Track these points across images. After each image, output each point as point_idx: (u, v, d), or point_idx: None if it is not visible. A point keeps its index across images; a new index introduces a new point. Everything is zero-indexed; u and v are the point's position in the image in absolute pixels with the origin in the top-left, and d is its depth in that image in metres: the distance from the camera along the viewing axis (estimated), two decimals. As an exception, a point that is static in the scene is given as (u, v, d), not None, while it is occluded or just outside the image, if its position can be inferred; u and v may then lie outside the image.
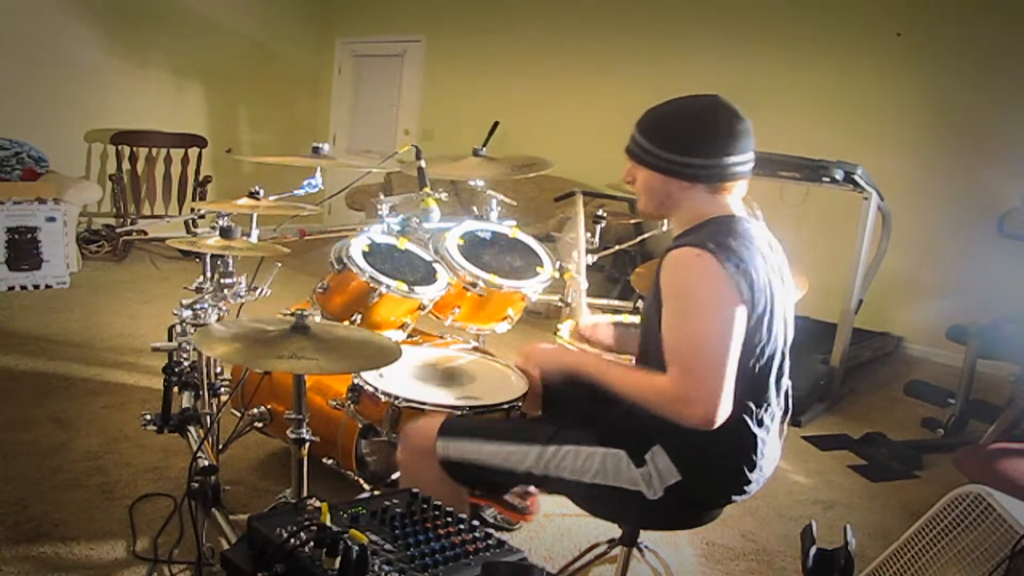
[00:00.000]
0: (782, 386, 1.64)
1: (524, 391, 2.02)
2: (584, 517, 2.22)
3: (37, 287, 4.84)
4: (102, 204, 6.21)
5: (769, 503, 2.80)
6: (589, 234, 2.79)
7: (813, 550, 1.37)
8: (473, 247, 2.61)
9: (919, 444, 3.45)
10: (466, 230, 2.66)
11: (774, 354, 1.58)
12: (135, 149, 6.18)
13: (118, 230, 5.97)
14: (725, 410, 1.44)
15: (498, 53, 6.53)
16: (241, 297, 2.37)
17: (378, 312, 2.32)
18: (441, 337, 2.67)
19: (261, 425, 2.49)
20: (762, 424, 1.59)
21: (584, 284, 2.38)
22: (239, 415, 2.50)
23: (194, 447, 2.25)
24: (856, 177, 3.62)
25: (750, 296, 1.48)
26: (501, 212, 2.81)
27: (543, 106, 6.23)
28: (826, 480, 3.10)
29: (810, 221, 4.60)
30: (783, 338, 1.60)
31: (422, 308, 2.41)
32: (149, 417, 2.39)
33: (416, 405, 1.92)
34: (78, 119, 6.10)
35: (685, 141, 1.56)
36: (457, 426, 1.74)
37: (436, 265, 2.49)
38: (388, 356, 1.71)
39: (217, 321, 2.35)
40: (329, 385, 2.36)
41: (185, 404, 2.45)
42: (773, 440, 1.64)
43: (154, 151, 6.30)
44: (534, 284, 2.56)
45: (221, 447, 2.44)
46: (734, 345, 1.45)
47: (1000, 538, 1.66)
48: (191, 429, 2.37)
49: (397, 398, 1.95)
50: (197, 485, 2.02)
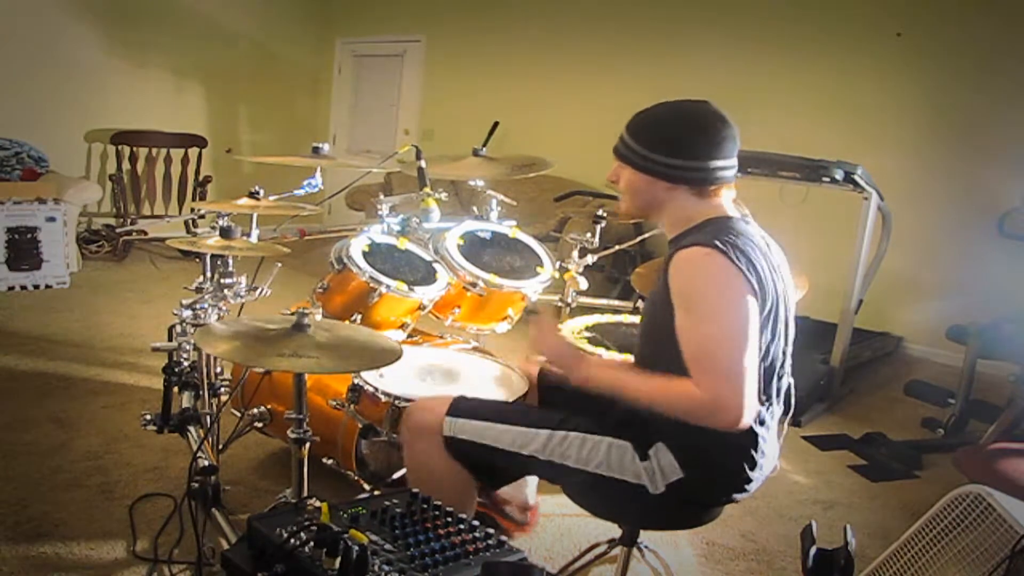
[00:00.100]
0: (781, 385, 1.64)
1: (524, 391, 2.02)
2: (584, 517, 2.22)
3: (37, 287, 4.84)
4: (102, 204, 6.20)
5: (769, 503, 2.80)
6: (589, 234, 2.80)
7: (813, 550, 1.37)
8: (473, 247, 2.61)
9: (919, 444, 3.45)
10: (466, 230, 2.66)
11: (778, 353, 1.58)
12: (135, 149, 6.18)
13: (118, 230, 5.96)
14: (754, 409, 1.43)
15: (498, 53, 6.53)
16: (241, 297, 2.36)
17: (378, 312, 2.32)
18: (441, 337, 2.67)
19: (261, 425, 2.49)
20: (764, 423, 1.59)
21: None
22: (239, 415, 2.50)
23: (194, 447, 2.24)
24: (856, 177, 3.62)
25: (761, 292, 1.48)
26: (501, 212, 2.81)
27: (543, 106, 6.22)
28: (826, 480, 3.10)
29: (810, 221, 4.59)
30: (785, 337, 1.61)
31: (422, 308, 2.41)
32: (149, 417, 2.39)
33: (416, 405, 1.91)
34: (78, 119, 6.09)
35: (671, 142, 1.57)
36: (467, 406, 1.74)
37: (436, 265, 2.49)
38: (389, 356, 1.71)
39: (217, 321, 2.35)
40: (329, 385, 2.36)
41: (185, 404, 2.45)
42: (772, 439, 1.64)
43: (154, 151, 6.29)
44: (534, 284, 2.56)
45: (221, 447, 2.43)
46: (753, 342, 1.44)
47: (1000, 538, 1.66)
48: (191, 429, 2.37)
49: (397, 398, 1.96)
50: (197, 485, 2.01)
